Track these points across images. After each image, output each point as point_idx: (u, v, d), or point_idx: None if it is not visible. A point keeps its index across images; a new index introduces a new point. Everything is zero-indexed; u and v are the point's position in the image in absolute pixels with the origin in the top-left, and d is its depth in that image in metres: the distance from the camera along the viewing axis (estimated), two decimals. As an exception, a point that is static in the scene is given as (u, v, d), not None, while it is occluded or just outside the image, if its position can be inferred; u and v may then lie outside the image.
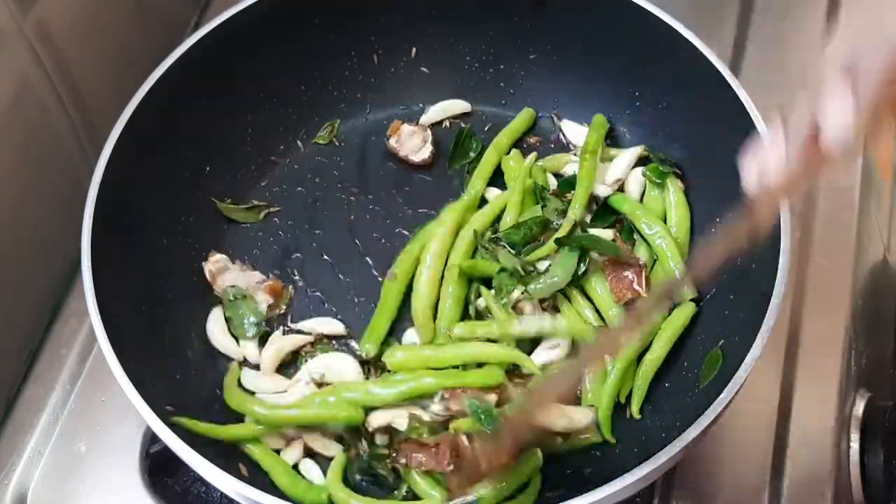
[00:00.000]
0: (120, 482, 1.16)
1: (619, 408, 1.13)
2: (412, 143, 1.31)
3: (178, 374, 1.14)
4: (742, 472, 1.14)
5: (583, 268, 1.14)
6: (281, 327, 1.20)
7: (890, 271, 1.42)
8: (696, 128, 1.24)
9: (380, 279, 1.22)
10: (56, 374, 1.25)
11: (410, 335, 1.17)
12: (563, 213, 1.21)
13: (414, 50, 1.36)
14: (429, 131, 1.32)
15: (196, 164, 1.26)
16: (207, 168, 1.27)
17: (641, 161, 1.27)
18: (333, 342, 1.19)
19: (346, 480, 1.06)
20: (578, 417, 1.08)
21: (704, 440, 0.98)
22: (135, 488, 1.15)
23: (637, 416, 1.11)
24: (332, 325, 1.19)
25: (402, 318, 1.18)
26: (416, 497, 1.05)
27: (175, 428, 0.99)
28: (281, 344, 1.16)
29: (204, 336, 1.20)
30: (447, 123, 1.36)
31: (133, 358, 1.02)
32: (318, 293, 1.23)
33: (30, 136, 1.24)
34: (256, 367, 1.17)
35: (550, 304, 1.17)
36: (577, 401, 1.12)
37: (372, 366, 1.15)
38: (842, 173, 1.34)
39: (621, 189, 1.26)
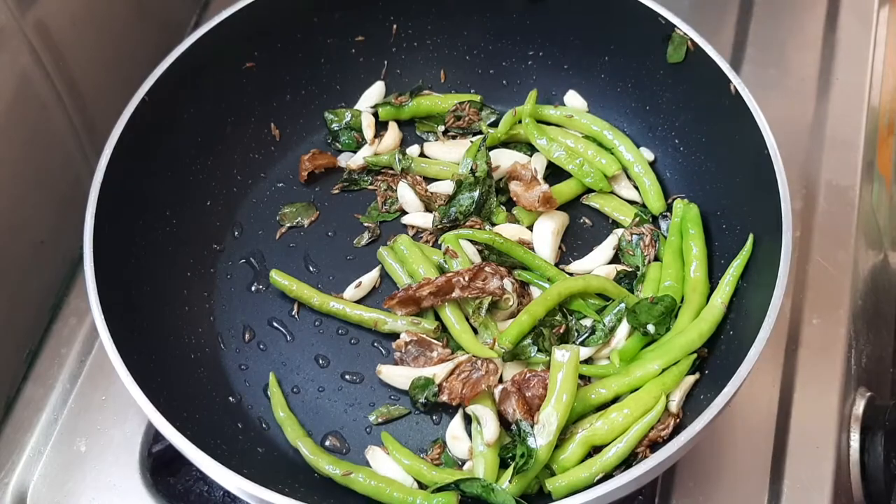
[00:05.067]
0: (120, 481, 1.16)
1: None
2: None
3: (180, 370, 1.14)
4: (742, 472, 1.15)
5: None
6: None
7: (890, 271, 1.42)
8: (694, 120, 1.25)
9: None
10: (56, 373, 1.25)
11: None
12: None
13: (414, 46, 1.36)
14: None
15: (197, 163, 1.27)
16: (209, 161, 1.28)
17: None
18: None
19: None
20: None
21: (705, 439, 0.98)
22: (135, 487, 1.16)
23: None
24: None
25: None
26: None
27: (177, 424, 0.99)
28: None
29: (205, 332, 1.20)
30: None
31: (134, 353, 1.02)
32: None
33: (30, 136, 1.24)
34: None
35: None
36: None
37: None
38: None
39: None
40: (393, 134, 1.34)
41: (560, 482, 1.04)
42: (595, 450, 1.07)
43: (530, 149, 1.31)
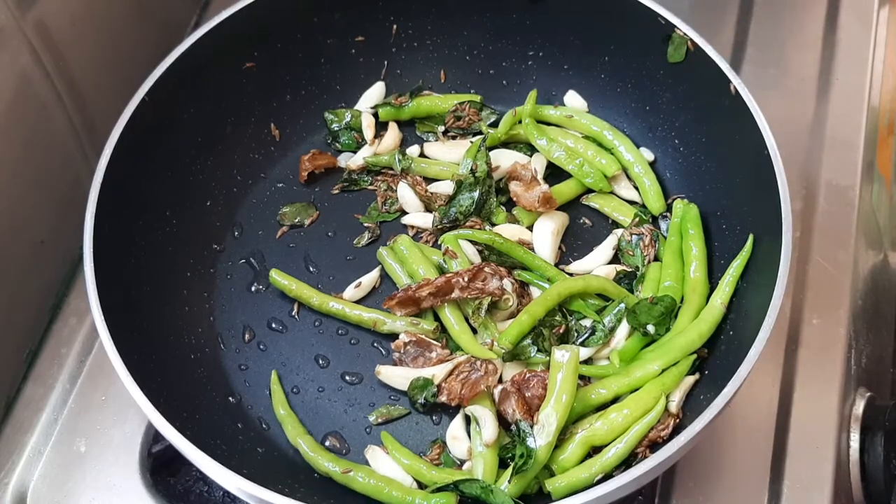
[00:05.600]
0: (120, 481, 1.16)
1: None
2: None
3: (180, 370, 1.14)
4: (742, 472, 1.15)
5: None
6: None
7: (890, 271, 1.42)
8: (694, 120, 1.25)
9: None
10: (56, 373, 1.25)
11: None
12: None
13: (414, 47, 1.37)
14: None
15: (197, 163, 1.27)
16: (209, 161, 1.28)
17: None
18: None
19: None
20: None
21: (705, 439, 0.98)
22: (135, 487, 1.16)
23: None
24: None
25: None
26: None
27: (177, 424, 0.99)
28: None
29: (205, 332, 1.20)
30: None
31: (135, 353, 1.02)
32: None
33: (30, 136, 1.24)
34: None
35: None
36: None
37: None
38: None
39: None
40: (393, 134, 1.34)
41: (560, 482, 1.04)
42: (595, 450, 1.07)
43: (530, 149, 1.31)
